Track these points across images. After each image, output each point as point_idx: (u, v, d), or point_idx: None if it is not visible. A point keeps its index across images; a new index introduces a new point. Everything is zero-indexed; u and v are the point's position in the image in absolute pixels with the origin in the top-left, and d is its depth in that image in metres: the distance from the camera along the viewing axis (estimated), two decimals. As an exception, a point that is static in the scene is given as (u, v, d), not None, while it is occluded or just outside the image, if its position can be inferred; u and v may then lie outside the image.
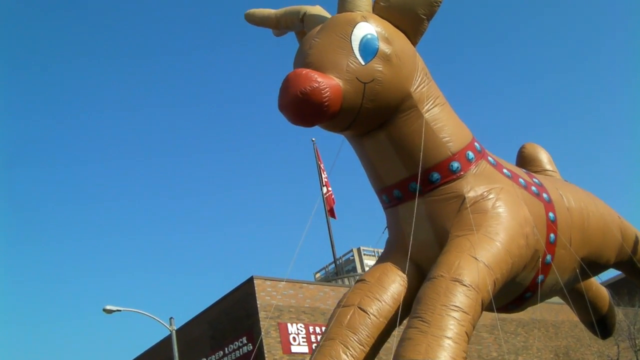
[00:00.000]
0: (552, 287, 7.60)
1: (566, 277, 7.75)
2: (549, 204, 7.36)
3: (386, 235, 7.29)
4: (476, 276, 5.69)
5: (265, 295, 23.57)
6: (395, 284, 6.59)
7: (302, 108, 5.85)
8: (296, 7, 7.23)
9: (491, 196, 6.53)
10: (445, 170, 6.55)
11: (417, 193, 6.53)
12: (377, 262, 7.00)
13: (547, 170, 9.34)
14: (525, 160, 9.49)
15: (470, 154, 6.71)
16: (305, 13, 7.06)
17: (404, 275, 6.64)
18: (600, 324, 10.42)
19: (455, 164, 6.57)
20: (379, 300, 6.43)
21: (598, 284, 10.59)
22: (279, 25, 7.46)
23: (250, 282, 23.61)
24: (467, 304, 5.55)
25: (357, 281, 6.82)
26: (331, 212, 26.67)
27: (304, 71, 5.88)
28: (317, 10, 7.03)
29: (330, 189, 27.09)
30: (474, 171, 6.66)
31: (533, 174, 8.04)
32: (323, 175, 27.36)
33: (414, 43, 6.74)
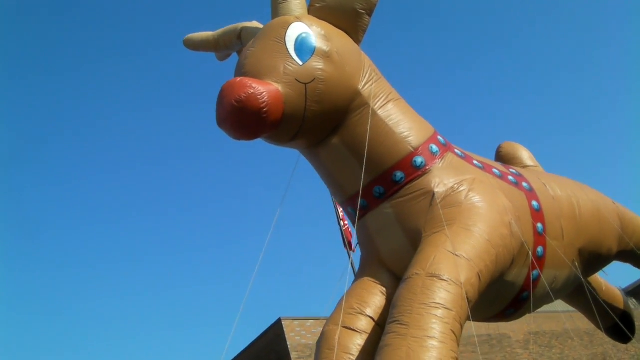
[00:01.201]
0: (551, 284, 6.64)
1: (566, 271, 6.80)
2: (530, 193, 6.49)
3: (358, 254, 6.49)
4: (455, 269, 4.81)
5: (295, 336, 22.63)
6: (377, 297, 5.74)
7: (240, 118, 5.16)
8: (233, 25, 6.66)
9: (463, 188, 5.70)
10: (408, 167, 5.76)
11: (360, 203, 5.78)
12: (355, 280, 6.15)
13: (528, 166, 8.44)
14: (503, 160, 8.57)
15: (434, 147, 5.93)
16: (242, 29, 6.48)
17: (384, 288, 5.80)
18: (618, 328, 9.26)
19: (419, 159, 5.78)
20: (363, 316, 5.59)
21: (609, 285, 9.49)
22: (218, 47, 6.86)
23: (278, 323, 22.74)
24: (449, 299, 4.63)
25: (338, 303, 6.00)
26: (350, 245, 25.72)
27: (238, 79, 5.25)
28: (254, 24, 6.46)
29: (346, 222, 26.18)
30: (441, 164, 5.86)
31: (511, 166, 7.20)
32: (339, 209, 26.53)
33: (357, 40, 6.09)
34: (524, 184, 6.55)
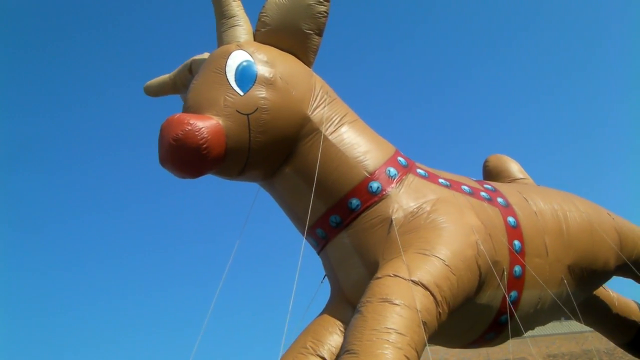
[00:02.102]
0: (536, 305, 6.05)
1: (552, 291, 6.19)
2: (506, 208, 5.94)
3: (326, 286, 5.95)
4: (409, 295, 4.32)
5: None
6: (334, 336, 5.19)
7: (180, 156, 4.83)
8: (186, 61, 6.29)
9: (424, 210, 5.22)
10: (364, 193, 5.29)
11: (319, 233, 5.37)
12: (317, 316, 5.63)
13: (518, 179, 7.88)
14: (491, 174, 8.07)
15: (392, 170, 5.46)
16: (191, 63, 6.13)
17: (343, 325, 5.25)
18: (636, 343, 8.48)
19: (375, 184, 5.32)
20: (314, 356, 5.04)
21: (622, 298, 8.66)
22: (176, 87, 6.48)
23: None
24: (402, 324, 4.13)
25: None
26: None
27: (177, 116, 4.91)
28: (204, 56, 6.07)
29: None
30: (400, 188, 5.38)
31: (487, 181, 6.63)
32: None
33: (308, 62, 5.72)
34: (499, 200, 6.03)
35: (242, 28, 5.66)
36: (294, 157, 5.40)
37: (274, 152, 5.31)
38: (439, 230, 4.98)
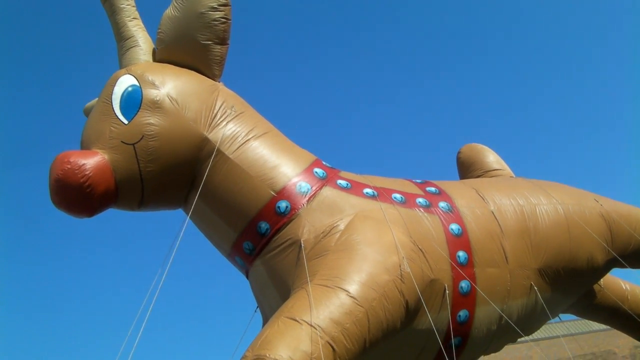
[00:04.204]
0: (499, 321, 5.23)
1: (521, 300, 5.37)
2: (448, 215, 5.14)
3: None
4: (292, 343, 3.70)
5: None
6: None
7: (64, 196, 4.49)
8: None
9: (337, 229, 4.56)
10: (272, 215, 4.70)
11: (237, 261, 4.88)
12: None
13: (492, 170, 7.02)
14: (464, 166, 7.27)
15: (304, 186, 4.82)
16: None
17: None
18: None
19: (283, 204, 4.71)
20: None
21: (637, 289, 7.57)
22: None
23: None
24: None
25: None
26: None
27: (60, 154, 4.56)
28: None
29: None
30: (312, 205, 4.74)
31: (433, 182, 5.74)
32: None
33: (212, 75, 5.19)
34: (442, 205, 5.22)
35: (140, 49, 5.23)
36: (198, 182, 4.86)
37: (172, 179, 4.82)
38: (350, 253, 4.31)
